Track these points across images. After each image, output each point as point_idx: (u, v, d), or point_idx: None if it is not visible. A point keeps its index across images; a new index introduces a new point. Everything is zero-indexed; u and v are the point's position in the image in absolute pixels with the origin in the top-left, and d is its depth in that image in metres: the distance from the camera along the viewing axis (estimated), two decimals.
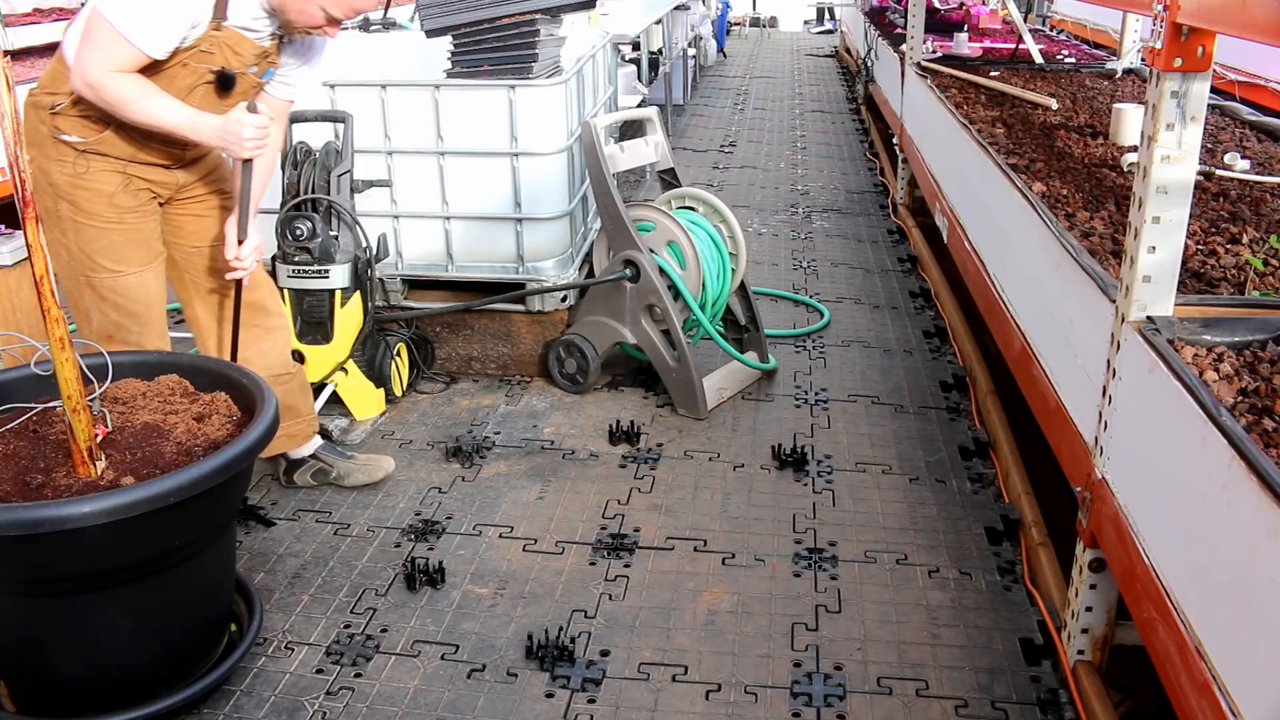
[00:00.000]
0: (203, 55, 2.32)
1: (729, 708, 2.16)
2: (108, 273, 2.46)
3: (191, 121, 2.32)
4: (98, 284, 2.46)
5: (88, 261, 2.44)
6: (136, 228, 2.48)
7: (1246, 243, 2.58)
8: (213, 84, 2.38)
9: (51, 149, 2.37)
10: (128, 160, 2.41)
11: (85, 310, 2.50)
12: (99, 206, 2.41)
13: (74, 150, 2.36)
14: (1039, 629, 2.39)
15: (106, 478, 1.97)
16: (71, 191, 2.39)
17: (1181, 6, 1.73)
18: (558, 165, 3.54)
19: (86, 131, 2.35)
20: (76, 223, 2.41)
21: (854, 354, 3.96)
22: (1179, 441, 1.75)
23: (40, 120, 2.37)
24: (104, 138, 2.36)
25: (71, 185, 2.38)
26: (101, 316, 2.49)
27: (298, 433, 2.88)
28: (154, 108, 2.27)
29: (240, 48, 2.36)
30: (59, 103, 2.34)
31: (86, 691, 2.03)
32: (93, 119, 2.34)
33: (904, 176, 5.90)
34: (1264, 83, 5.72)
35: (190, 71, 2.33)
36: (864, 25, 9.04)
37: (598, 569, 2.62)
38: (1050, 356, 2.61)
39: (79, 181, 2.38)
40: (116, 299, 2.48)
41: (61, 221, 2.42)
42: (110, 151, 2.38)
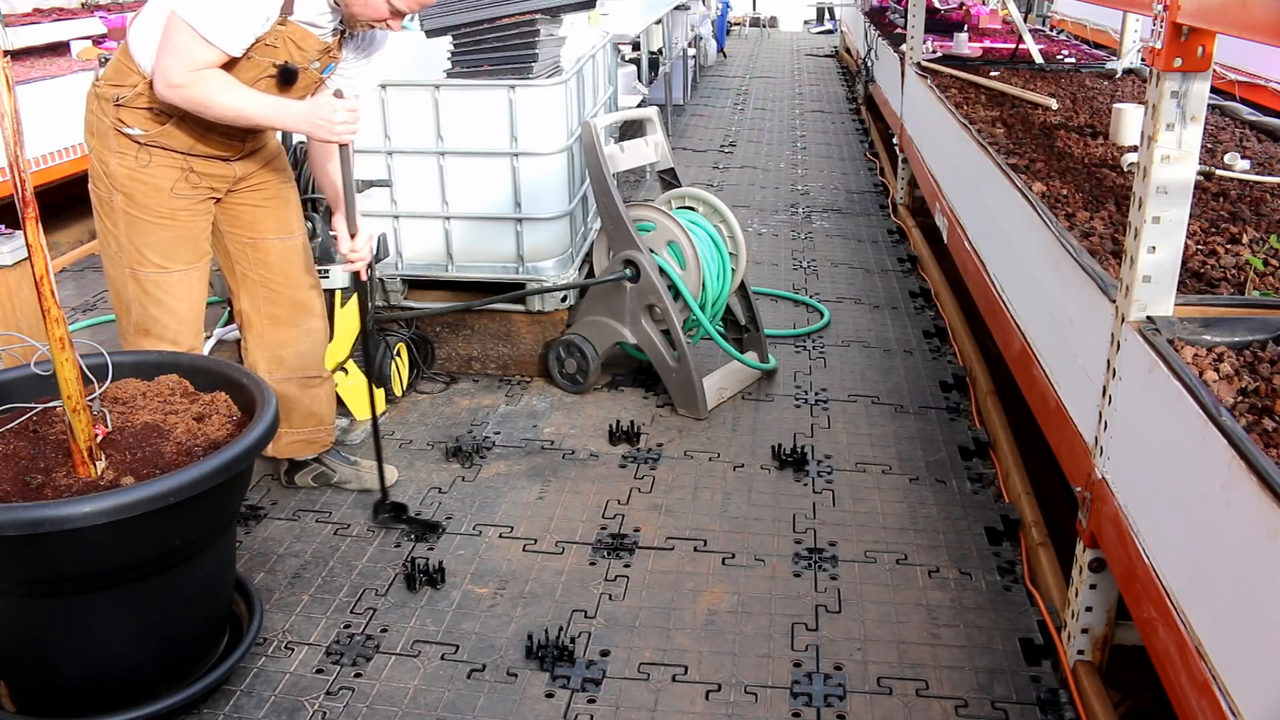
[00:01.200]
0: (267, 49, 2.32)
1: (729, 708, 2.16)
2: (154, 268, 2.46)
3: (278, 110, 2.33)
4: (143, 278, 2.47)
5: (135, 255, 2.45)
6: (188, 226, 2.49)
7: (1246, 243, 2.58)
8: (275, 78, 2.38)
9: (113, 140, 2.38)
10: (188, 154, 2.42)
11: (126, 302, 2.51)
12: (154, 201, 2.42)
13: (135, 143, 2.37)
14: (1039, 629, 2.39)
15: (106, 478, 1.97)
16: (129, 184, 2.40)
17: (1181, 6, 1.73)
18: (558, 165, 3.54)
19: (149, 124, 2.36)
20: (129, 215, 2.42)
21: (854, 354, 3.96)
22: (1179, 441, 1.75)
23: (103, 112, 2.38)
24: (166, 130, 2.37)
25: (129, 178, 2.40)
26: (141, 310, 2.50)
27: (318, 439, 2.89)
28: (238, 101, 2.28)
29: (304, 43, 2.36)
30: (123, 95, 2.35)
31: (86, 691, 2.03)
32: (155, 112, 2.36)
33: (904, 176, 5.90)
34: (1264, 83, 5.72)
35: (254, 65, 2.33)
36: (864, 25, 9.04)
37: (598, 569, 2.62)
38: (1050, 356, 2.61)
39: (138, 175, 2.39)
40: (160, 294, 2.49)
41: (114, 212, 2.43)
42: (172, 144, 2.39)
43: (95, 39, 6.62)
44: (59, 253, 5.35)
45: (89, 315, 4.35)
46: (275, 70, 2.36)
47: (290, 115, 2.35)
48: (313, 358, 2.80)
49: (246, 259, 2.65)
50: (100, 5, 7.59)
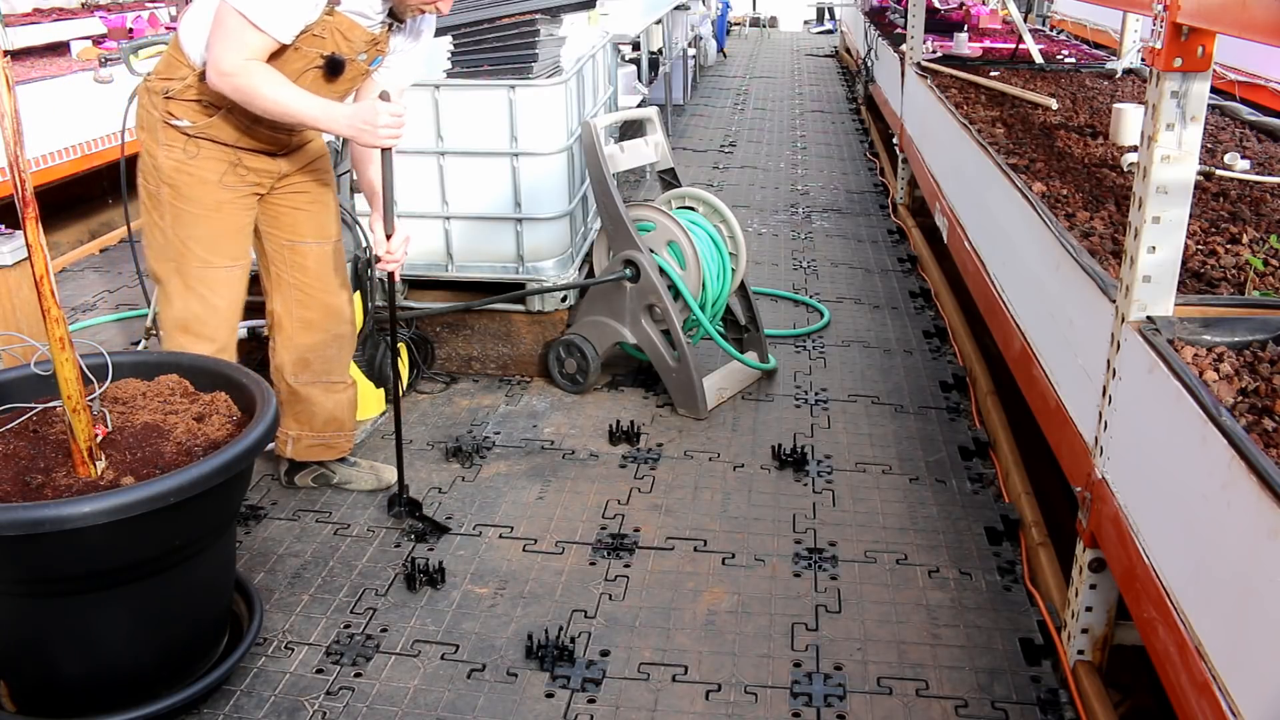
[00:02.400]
0: (314, 40, 2.32)
1: (729, 708, 2.16)
2: (199, 262, 2.47)
3: (324, 111, 2.33)
4: (187, 273, 2.47)
5: (181, 248, 2.46)
6: (233, 220, 2.49)
7: (1246, 243, 2.58)
8: (321, 69, 2.38)
9: (161, 133, 2.40)
10: (235, 146, 2.43)
11: (168, 297, 2.51)
12: (201, 193, 2.43)
13: (184, 135, 2.39)
14: (1039, 629, 2.39)
15: (106, 478, 1.97)
16: (176, 176, 2.41)
17: (1181, 6, 1.73)
18: (558, 165, 3.54)
19: (197, 116, 2.38)
20: (176, 208, 2.43)
21: (854, 354, 3.96)
22: (1179, 441, 1.75)
23: (153, 105, 2.40)
24: (213, 122, 2.39)
25: (177, 170, 2.41)
26: (183, 306, 2.50)
27: (337, 444, 2.89)
28: (285, 97, 2.28)
29: (351, 34, 2.36)
30: (172, 88, 2.37)
31: (86, 691, 2.03)
32: (204, 104, 2.37)
33: (904, 176, 5.90)
34: (1264, 83, 5.72)
35: (301, 55, 2.34)
36: (864, 25, 9.04)
37: (598, 569, 2.62)
38: (1050, 356, 2.61)
39: (185, 166, 2.41)
40: (203, 290, 2.49)
41: (161, 205, 2.44)
42: (219, 136, 2.41)
43: (95, 39, 6.62)
44: (59, 253, 5.35)
45: (89, 315, 4.35)
46: (322, 61, 2.36)
47: (335, 117, 2.34)
48: (338, 363, 2.81)
49: (283, 261, 2.66)
50: (100, 5, 7.59)
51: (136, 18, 7.12)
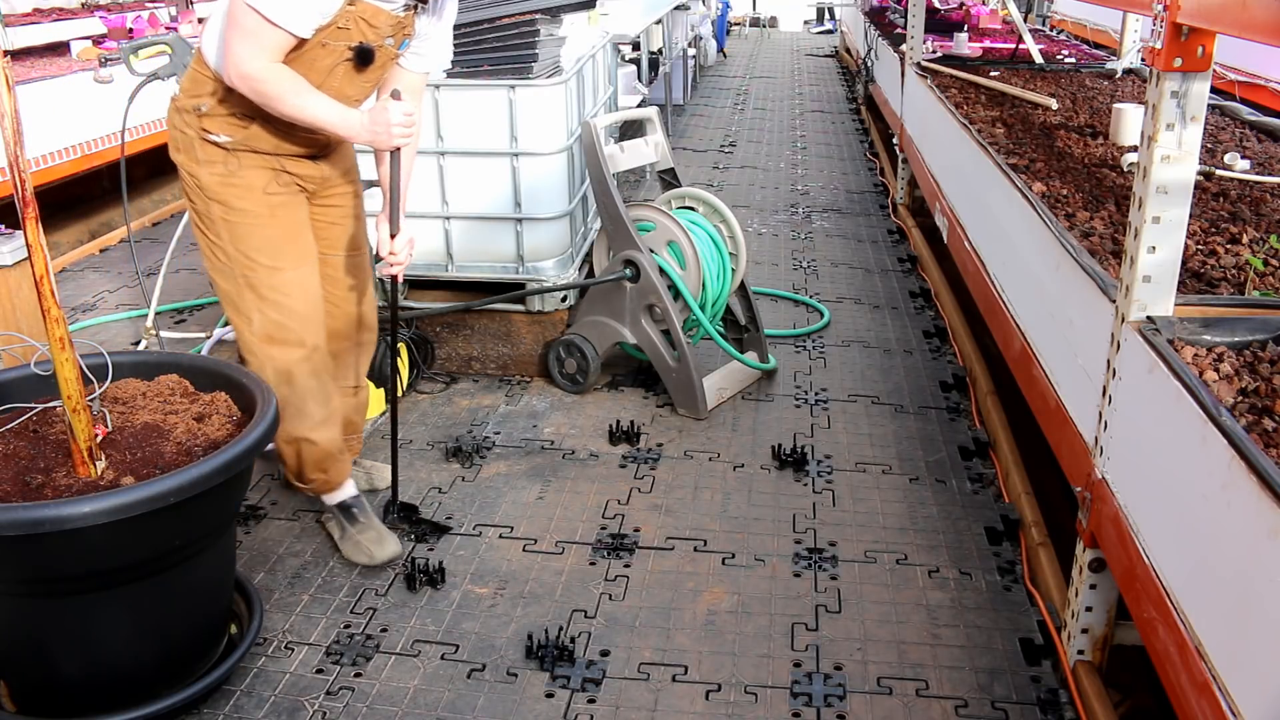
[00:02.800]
0: (340, 32, 2.29)
1: (729, 708, 2.16)
2: (265, 269, 2.42)
3: (342, 117, 2.31)
4: (257, 283, 2.43)
5: (245, 260, 2.41)
6: (289, 220, 2.46)
7: (1246, 243, 2.58)
8: (352, 60, 2.35)
9: (200, 151, 2.36)
10: (275, 154, 2.40)
11: (246, 313, 2.46)
12: (250, 202, 2.39)
13: (223, 150, 2.35)
14: (1039, 629, 2.39)
15: (106, 478, 1.97)
16: (222, 191, 2.37)
17: (1181, 6, 1.74)
18: (558, 165, 3.54)
19: (233, 129, 2.35)
20: (229, 222, 2.39)
21: (854, 354, 3.96)
22: (1179, 441, 1.75)
23: (186, 124, 2.36)
24: (251, 133, 2.35)
25: (222, 185, 2.37)
26: (262, 317, 2.45)
27: (351, 448, 2.88)
28: (306, 103, 2.25)
29: (376, 20, 2.33)
30: (203, 104, 2.33)
31: (86, 691, 2.03)
32: (239, 115, 2.33)
33: (904, 176, 5.90)
34: (1264, 83, 5.72)
35: (329, 51, 2.30)
36: (864, 25, 9.04)
37: (598, 569, 2.62)
38: (1050, 356, 2.61)
39: (230, 180, 2.37)
40: (277, 297, 2.45)
41: (214, 224, 2.40)
42: (258, 146, 2.37)
43: (95, 39, 6.62)
44: (59, 253, 5.35)
45: (89, 315, 4.35)
46: (351, 53, 2.33)
47: (353, 124, 2.32)
48: (359, 369, 2.81)
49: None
50: (100, 5, 7.59)
51: (136, 18, 7.12)
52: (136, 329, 4.11)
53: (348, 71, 2.37)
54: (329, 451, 2.62)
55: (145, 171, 6.70)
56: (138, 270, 3.94)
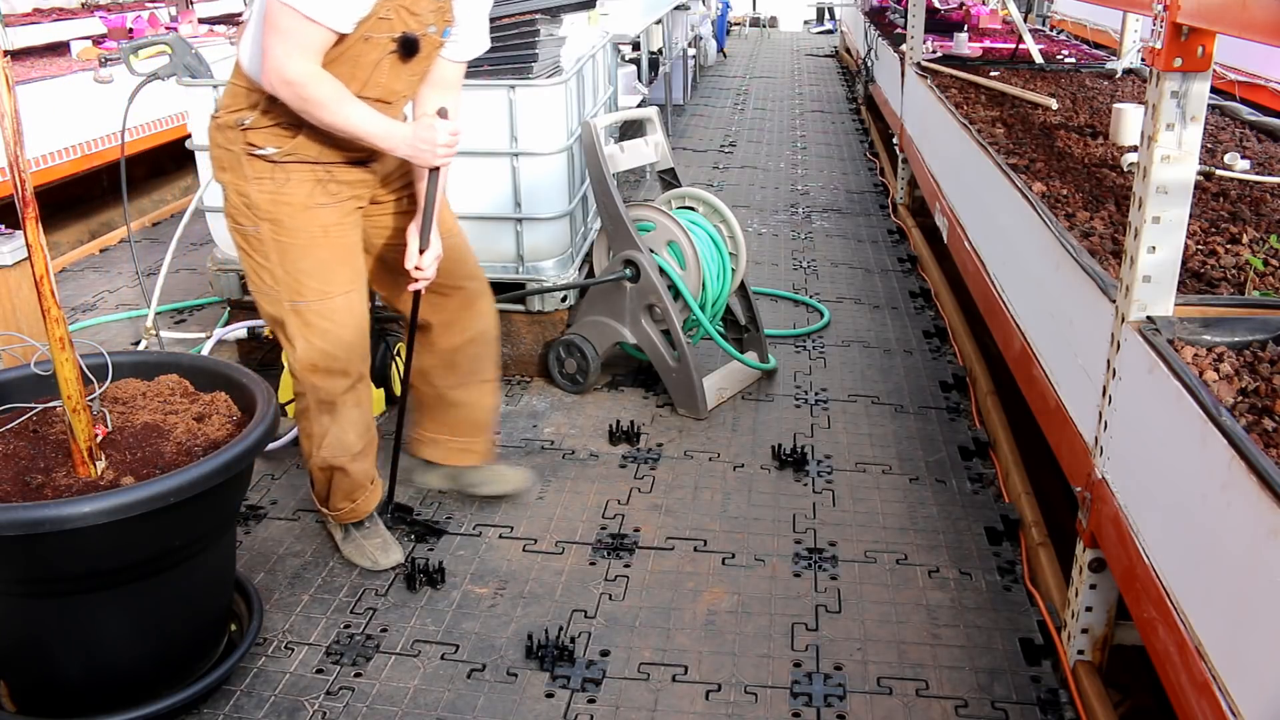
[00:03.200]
0: (381, 23, 2.21)
1: (729, 708, 2.16)
2: (315, 295, 2.34)
3: (385, 130, 2.24)
4: (304, 310, 2.35)
5: (294, 284, 2.33)
6: (340, 242, 2.38)
7: (1246, 243, 2.58)
8: (397, 52, 2.26)
9: (248, 168, 2.28)
10: (322, 162, 2.32)
11: (290, 338, 2.39)
12: (301, 222, 2.31)
13: (270, 164, 2.28)
14: (1039, 629, 2.39)
15: (106, 478, 1.97)
16: (273, 210, 2.29)
17: (1181, 6, 1.74)
18: (558, 165, 3.54)
19: (280, 140, 2.27)
20: (280, 243, 2.31)
21: (854, 354, 3.96)
22: (1179, 441, 1.75)
23: (230, 141, 2.28)
24: (299, 142, 2.27)
25: (273, 203, 2.29)
26: (307, 345, 2.37)
27: (478, 450, 2.84)
28: (349, 113, 2.19)
29: (416, 7, 2.25)
30: (246, 118, 2.26)
31: (86, 691, 2.03)
32: (284, 126, 2.26)
33: (904, 176, 5.90)
34: (1264, 83, 5.72)
35: (373, 45, 2.22)
36: (864, 25, 9.04)
37: (598, 569, 2.62)
38: (1050, 356, 2.61)
39: (279, 198, 2.29)
40: (325, 325, 2.36)
41: (264, 245, 2.32)
42: (306, 154, 2.29)
43: (95, 39, 6.63)
44: (59, 253, 5.35)
45: (89, 315, 4.36)
46: (395, 45, 2.25)
47: (396, 137, 2.25)
48: (485, 360, 2.73)
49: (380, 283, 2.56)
50: (100, 5, 7.60)
51: (136, 18, 7.12)
52: (136, 329, 4.11)
53: (393, 65, 2.28)
54: (361, 483, 2.57)
55: (145, 171, 6.70)
56: (138, 270, 3.94)
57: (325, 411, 2.44)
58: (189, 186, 6.64)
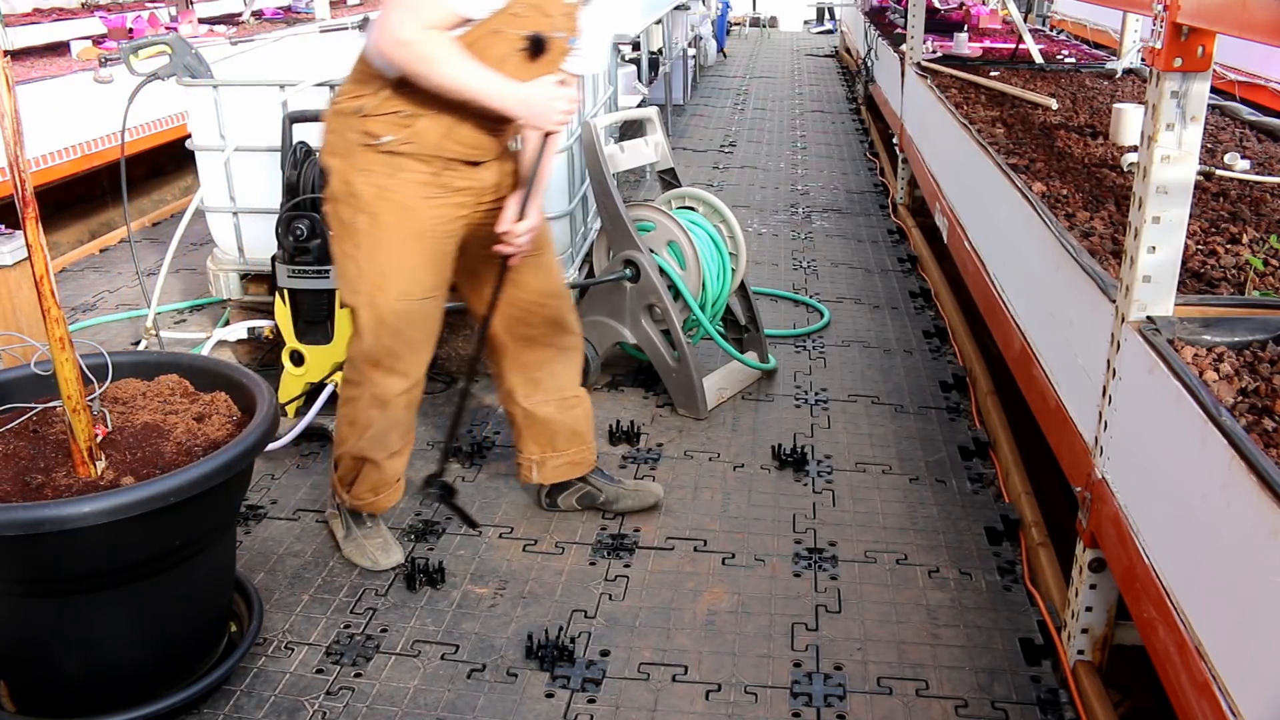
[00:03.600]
0: (514, 19, 2.18)
1: (729, 708, 2.16)
2: (397, 295, 2.32)
3: (500, 88, 2.17)
4: (380, 306, 2.33)
5: (378, 280, 2.31)
6: (434, 249, 2.35)
7: (1246, 243, 2.58)
8: (525, 50, 2.22)
9: (359, 157, 2.25)
10: (437, 156, 2.28)
11: (359, 329, 2.37)
12: (402, 220, 2.28)
13: (383, 155, 2.24)
14: (1039, 629, 2.39)
15: (106, 478, 1.97)
16: (376, 204, 2.26)
17: (1181, 6, 1.74)
18: (557, 165, 3.54)
19: (397, 128, 2.23)
20: (374, 237, 2.28)
21: (854, 354, 3.96)
22: (1179, 441, 1.75)
23: (348, 127, 2.26)
24: (416, 131, 2.23)
25: (377, 197, 2.26)
26: (374, 340, 2.36)
27: (583, 460, 2.78)
28: (463, 71, 2.12)
29: (550, 8, 2.21)
30: (365, 104, 2.23)
31: (86, 691, 2.03)
32: (403, 114, 2.22)
33: (904, 176, 5.90)
34: (1264, 83, 5.72)
35: (502, 40, 2.18)
36: (864, 25, 9.04)
37: (598, 569, 2.62)
38: (1050, 356, 2.61)
39: (386, 191, 2.26)
40: (398, 325, 2.35)
41: (357, 235, 2.29)
42: (423, 146, 2.25)
43: (95, 39, 6.63)
44: (59, 253, 5.35)
45: (89, 315, 4.36)
46: (524, 43, 2.22)
47: (512, 96, 2.18)
48: (569, 376, 2.69)
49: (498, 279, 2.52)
50: (100, 5, 7.60)
51: (136, 18, 7.13)
52: (136, 329, 4.11)
53: (520, 63, 2.23)
54: (389, 480, 2.57)
55: (145, 171, 6.70)
56: (138, 270, 3.94)
57: (377, 407, 2.43)
58: (189, 186, 6.64)
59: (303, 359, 3.24)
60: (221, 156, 3.55)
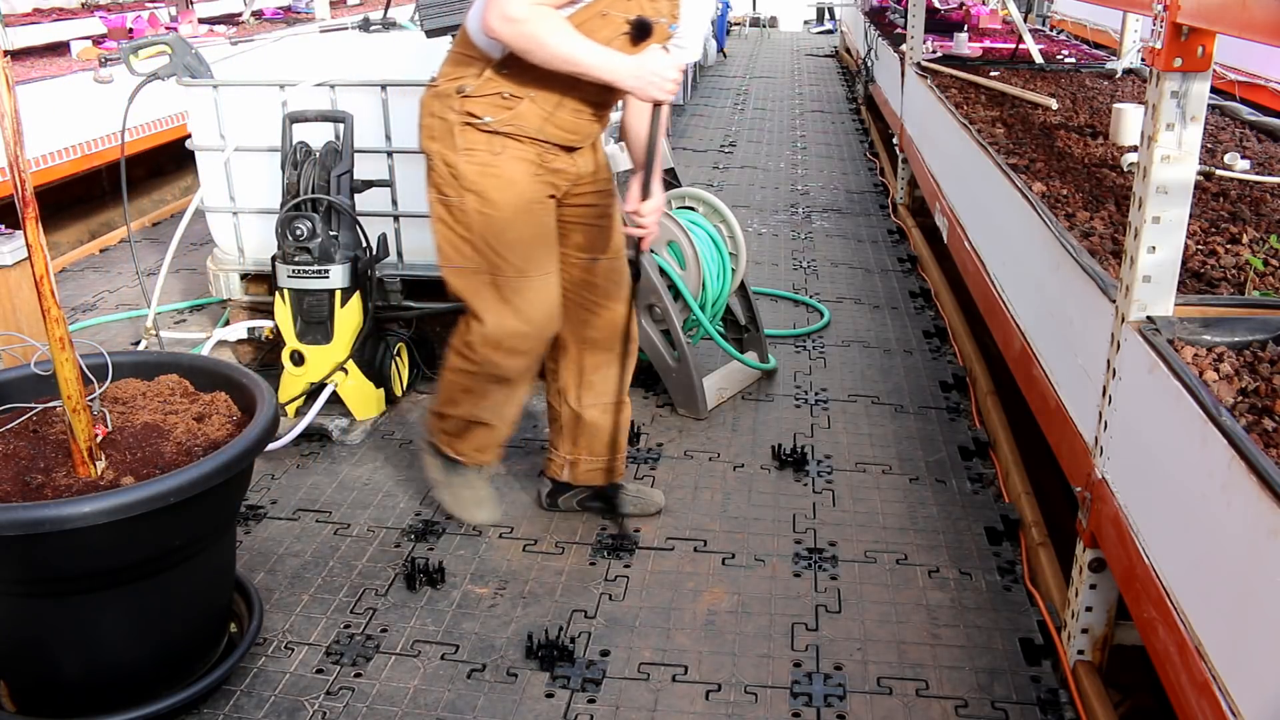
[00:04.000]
0: (621, 2, 2.19)
1: (729, 708, 2.16)
2: (513, 271, 2.33)
3: (609, 61, 2.17)
4: (501, 284, 2.34)
5: (495, 258, 2.32)
6: (541, 224, 2.36)
7: (1246, 243, 2.58)
8: (629, 34, 2.22)
9: (460, 138, 2.26)
10: (538, 140, 2.29)
11: (480, 312, 2.38)
12: (509, 196, 2.29)
13: (485, 135, 2.25)
14: (1039, 629, 2.39)
15: (106, 478, 1.97)
16: (480, 181, 2.27)
17: (1181, 6, 1.74)
18: None
19: (499, 109, 2.23)
20: (484, 215, 2.29)
21: (854, 354, 3.96)
22: (1179, 441, 1.75)
23: (448, 108, 2.26)
24: (518, 113, 2.24)
25: (481, 174, 2.27)
26: (498, 322, 2.37)
27: (614, 469, 2.78)
28: (572, 46, 2.12)
29: None
30: (467, 85, 2.24)
31: (86, 691, 2.03)
32: (505, 95, 2.23)
33: (904, 176, 5.90)
34: (1264, 83, 5.72)
35: (608, 23, 2.19)
36: (864, 25, 9.04)
37: (598, 569, 2.62)
38: (1050, 356, 2.61)
39: (489, 170, 2.27)
40: (520, 303, 2.36)
41: (467, 215, 2.30)
42: (525, 128, 2.26)
43: (95, 39, 6.63)
44: (59, 253, 5.35)
45: (89, 315, 4.36)
46: (629, 27, 2.21)
47: (620, 68, 2.18)
48: (620, 382, 2.69)
49: (569, 279, 2.53)
50: (100, 5, 7.60)
51: (136, 18, 7.13)
52: (136, 329, 4.11)
53: (623, 47, 2.23)
54: (498, 441, 2.63)
55: (145, 171, 6.71)
56: (138, 270, 3.94)
57: (497, 385, 2.48)
58: (189, 186, 6.64)
59: (303, 359, 3.24)
60: (221, 156, 3.55)
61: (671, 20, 2.33)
